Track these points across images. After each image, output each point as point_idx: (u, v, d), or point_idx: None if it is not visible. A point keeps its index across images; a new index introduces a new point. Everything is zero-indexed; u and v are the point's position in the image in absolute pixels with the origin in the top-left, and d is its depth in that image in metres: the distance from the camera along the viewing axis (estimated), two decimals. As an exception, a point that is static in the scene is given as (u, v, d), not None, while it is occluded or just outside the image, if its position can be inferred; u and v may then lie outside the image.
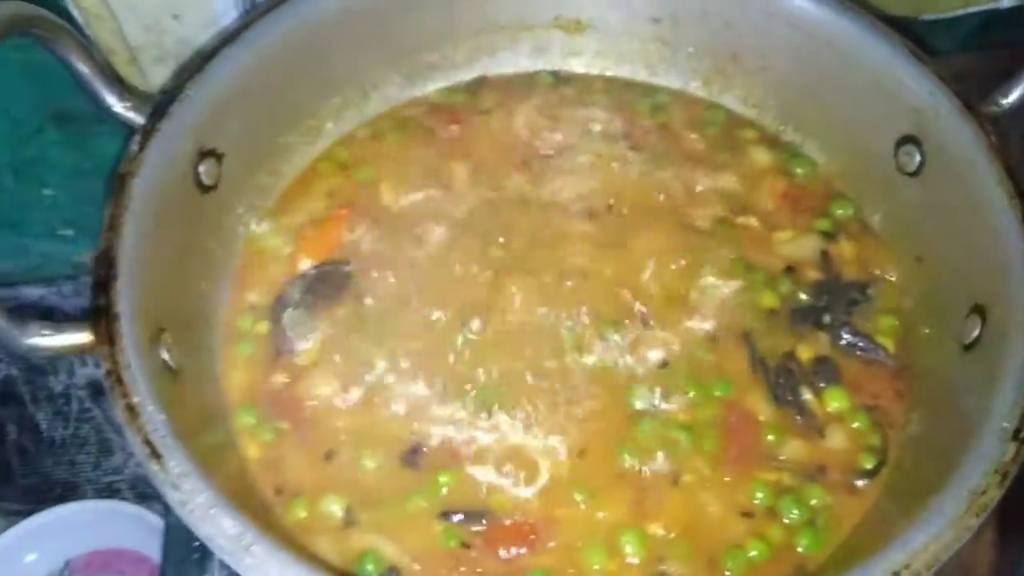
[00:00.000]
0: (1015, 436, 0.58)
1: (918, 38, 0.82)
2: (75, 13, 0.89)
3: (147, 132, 0.73)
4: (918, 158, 0.79)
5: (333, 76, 0.90)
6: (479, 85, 0.95)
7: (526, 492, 0.69)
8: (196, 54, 0.97)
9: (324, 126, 0.91)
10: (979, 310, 0.69)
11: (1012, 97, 0.76)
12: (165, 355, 0.66)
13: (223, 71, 0.79)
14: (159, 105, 0.75)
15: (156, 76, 1.00)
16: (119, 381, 0.59)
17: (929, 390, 0.73)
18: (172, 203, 0.73)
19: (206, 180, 0.78)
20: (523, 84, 0.96)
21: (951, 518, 0.55)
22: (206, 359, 0.74)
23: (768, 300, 0.79)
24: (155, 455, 0.56)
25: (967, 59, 1.11)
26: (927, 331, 0.77)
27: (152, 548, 1.00)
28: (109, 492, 1.15)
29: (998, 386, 0.61)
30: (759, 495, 0.68)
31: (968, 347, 0.69)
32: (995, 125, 0.74)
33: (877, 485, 0.69)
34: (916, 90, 0.78)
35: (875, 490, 0.69)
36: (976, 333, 0.68)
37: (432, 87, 0.95)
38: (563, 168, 0.89)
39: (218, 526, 0.54)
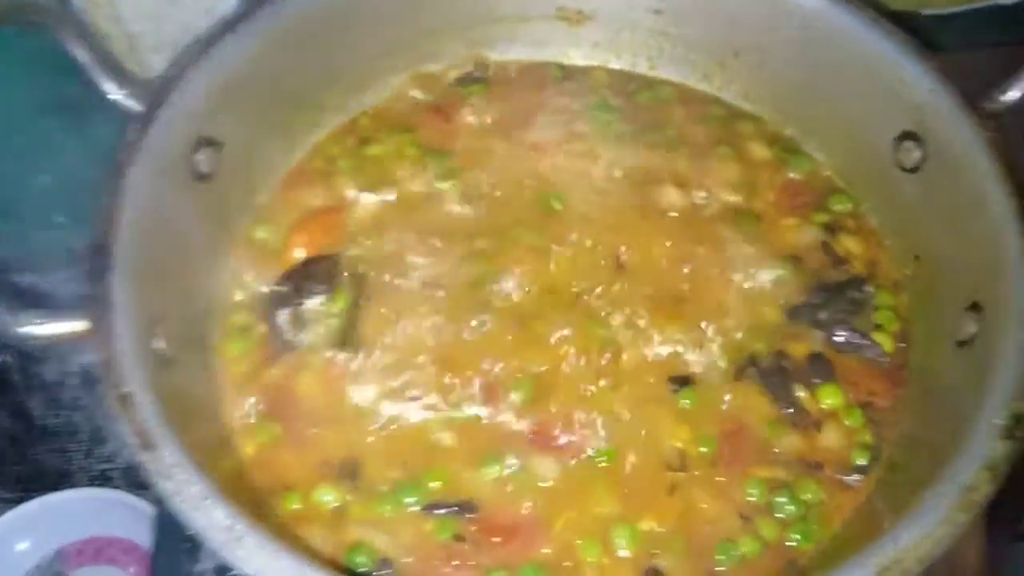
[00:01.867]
0: (1007, 434, 0.58)
1: (919, 33, 0.82)
2: (73, -1, 0.89)
3: (145, 120, 0.72)
4: (918, 154, 0.79)
5: (334, 65, 0.89)
6: (481, 76, 0.95)
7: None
8: (196, 41, 0.97)
9: (324, 116, 0.91)
10: (975, 307, 0.69)
11: (1012, 94, 0.76)
12: (160, 345, 0.66)
13: (223, 58, 0.79)
14: (158, 92, 0.74)
15: (155, 64, 1.00)
16: (112, 370, 0.59)
17: (924, 387, 0.73)
18: (169, 192, 0.73)
19: (204, 169, 0.77)
20: (525, 75, 0.95)
21: (942, 514, 0.55)
22: (202, 351, 0.74)
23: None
24: (147, 445, 0.56)
25: (969, 55, 1.11)
26: (924, 328, 0.77)
27: (144, 536, 1.00)
28: (102, 480, 1.14)
29: (991, 383, 0.61)
30: (752, 491, 0.68)
31: (963, 344, 0.69)
32: (995, 122, 0.74)
33: (870, 481, 0.69)
34: (917, 86, 0.78)
35: (868, 486, 0.69)
36: (972, 331, 0.68)
37: (432, 78, 0.94)
38: (565, 160, 0.89)
39: (210, 517, 0.54)
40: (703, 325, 0.76)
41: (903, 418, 0.72)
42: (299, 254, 0.81)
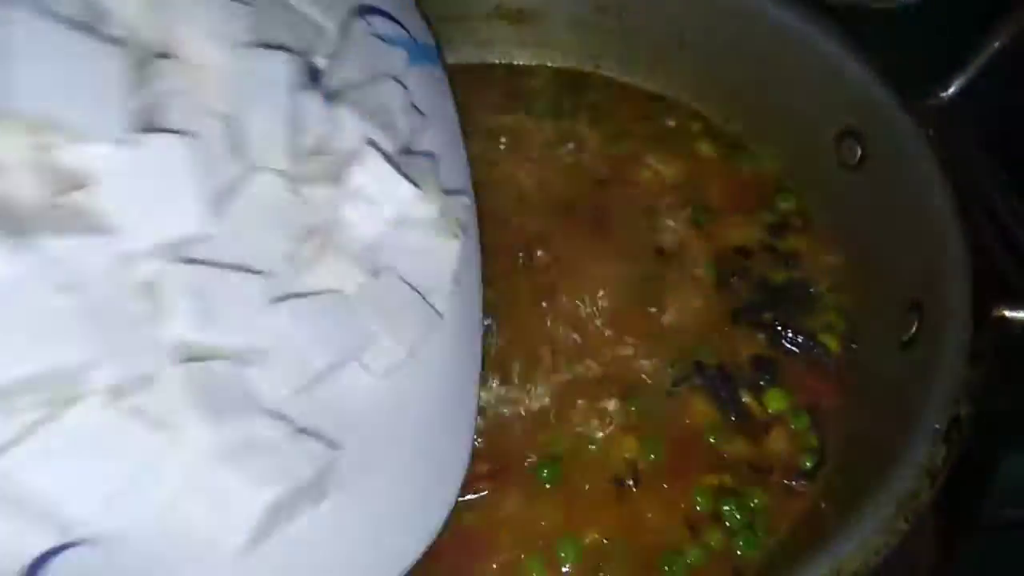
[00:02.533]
0: (946, 437, 0.57)
1: (867, 27, 0.81)
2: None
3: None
4: (859, 151, 0.78)
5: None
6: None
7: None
8: None
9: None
10: (917, 307, 0.69)
11: (952, 90, 0.75)
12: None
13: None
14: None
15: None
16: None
17: (868, 389, 0.72)
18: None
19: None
20: (468, 78, 0.94)
21: (880, 523, 0.54)
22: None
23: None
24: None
25: (914, 48, 1.11)
26: (869, 329, 0.76)
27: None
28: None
29: (931, 386, 0.60)
30: (699, 500, 0.67)
31: (905, 345, 0.68)
32: (934, 119, 0.73)
33: (816, 485, 0.68)
34: (856, 83, 0.77)
35: (814, 490, 0.68)
36: (913, 331, 0.68)
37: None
38: (517, 161, 0.88)
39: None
40: (648, 330, 0.75)
41: (849, 420, 0.71)
42: None
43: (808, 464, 0.69)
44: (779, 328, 0.76)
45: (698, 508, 0.67)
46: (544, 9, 0.94)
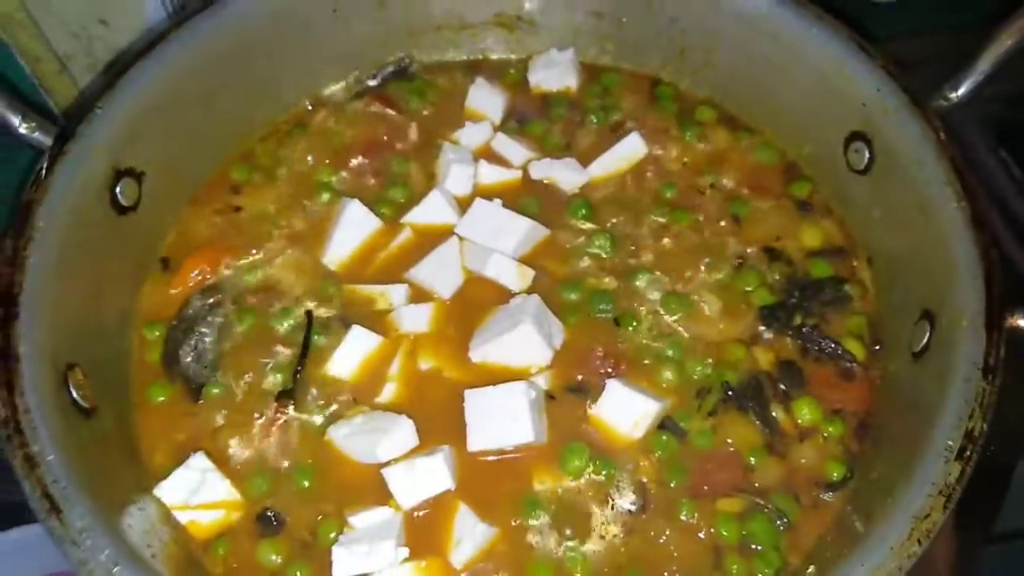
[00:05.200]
0: (959, 455, 0.55)
1: (870, 21, 0.79)
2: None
3: (53, 155, 0.69)
4: (867, 155, 0.76)
5: (261, 83, 0.86)
6: (417, 87, 0.91)
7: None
8: (108, 67, 0.93)
9: (253, 131, 0.87)
10: (928, 316, 0.67)
11: (961, 91, 0.73)
12: (76, 394, 0.62)
13: (139, 84, 0.75)
14: (67, 125, 0.70)
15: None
16: (17, 429, 0.55)
17: (889, 399, 0.70)
18: (85, 229, 0.69)
19: (124, 201, 0.74)
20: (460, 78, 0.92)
21: (893, 546, 0.53)
22: (125, 397, 0.70)
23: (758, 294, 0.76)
24: (54, 509, 0.53)
25: (921, 42, 1.09)
26: (887, 336, 0.74)
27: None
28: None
29: (943, 400, 0.58)
30: (724, 525, 0.65)
31: (917, 355, 0.67)
32: (943, 121, 0.71)
33: (844, 494, 0.66)
34: (863, 85, 0.75)
35: (842, 500, 0.66)
36: (925, 341, 0.66)
37: (362, 91, 0.91)
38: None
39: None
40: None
41: (875, 428, 0.69)
42: (195, 285, 0.77)
43: (837, 474, 0.67)
44: (806, 333, 0.73)
45: (722, 533, 0.65)
46: (541, 15, 0.92)
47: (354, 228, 0.79)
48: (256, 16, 0.83)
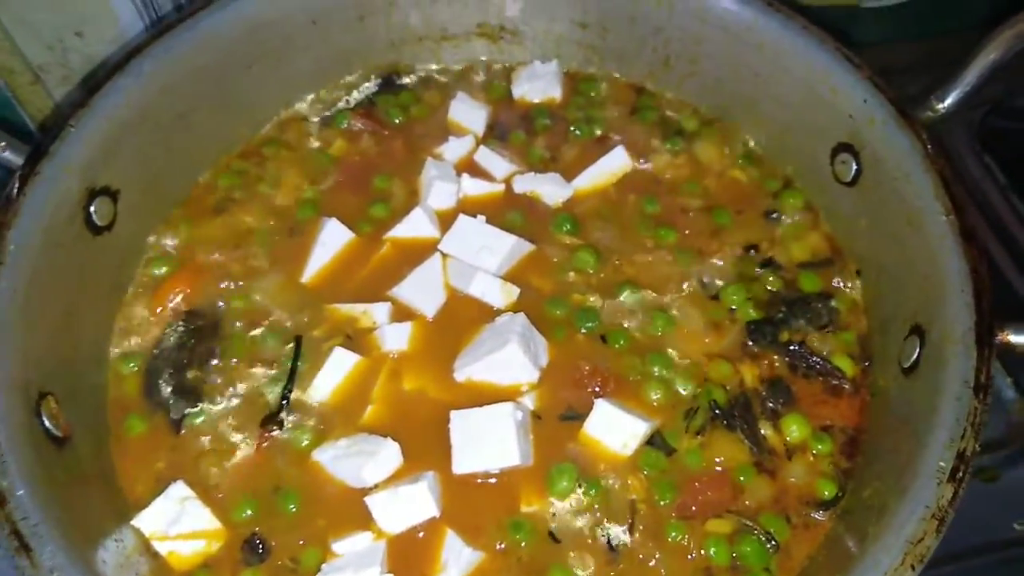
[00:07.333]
0: (952, 476, 0.54)
1: (857, 28, 0.78)
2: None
3: (24, 176, 0.67)
4: (854, 167, 0.76)
5: (240, 98, 0.84)
6: (401, 101, 0.90)
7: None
8: (85, 81, 0.91)
9: (231, 146, 0.85)
10: (918, 331, 0.66)
11: (948, 101, 0.72)
12: (49, 423, 0.61)
13: (113, 101, 0.73)
14: (38, 145, 0.69)
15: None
16: (-15, 464, 0.54)
17: (879, 415, 0.69)
18: (58, 251, 0.68)
19: (99, 221, 0.72)
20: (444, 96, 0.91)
21: (886, 572, 0.52)
22: (100, 426, 0.68)
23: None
24: (23, 547, 0.51)
25: (909, 48, 1.08)
26: (876, 350, 0.73)
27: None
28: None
29: (934, 418, 0.57)
30: (713, 545, 0.64)
31: (907, 371, 0.66)
32: (931, 132, 0.71)
33: (835, 513, 0.65)
34: (850, 96, 0.74)
35: (832, 518, 0.65)
36: (914, 357, 0.65)
37: (343, 106, 0.89)
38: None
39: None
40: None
41: (866, 443, 0.68)
42: (175, 309, 0.75)
43: (828, 492, 0.66)
44: (794, 349, 0.73)
45: (711, 553, 0.63)
46: (524, 26, 0.91)
47: (333, 246, 0.78)
48: (233, 29, 0.81)
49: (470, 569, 0.63)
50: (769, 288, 0.77)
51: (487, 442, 0.65)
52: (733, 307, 0.75)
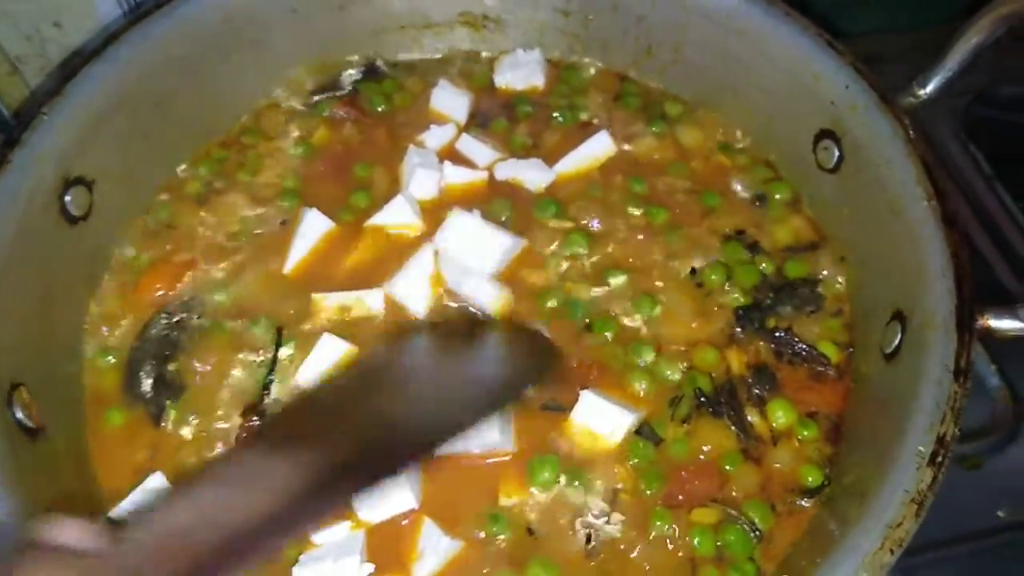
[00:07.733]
0: (931, 460, 0.54)
1: (834, 25, 0.78)
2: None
3: (-4, 164, 0.66)
4: (836, 154, 0.75)
5: (219, 86, 0.84)
6: (384, 88, 0.89)
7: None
8: (56, 71, 0.90)
9: (209, 136, 0.85)
10: (899, 317, 0.65)
11: (930, 87, 0.72)
12: (21, 415, 0.60)
13: (89, 88, 0.72)
14: (10, 133, 0.68)
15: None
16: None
17: (862, 401, 0.69)
18: (33, 241, 0.67)
19: (74, 211, 0.71)
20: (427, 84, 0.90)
21: (864, 557, 0.51)
22: (76, 417, 0.67)
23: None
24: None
25: (893, 38, 1.08)
26: (861, 337, 0.72)
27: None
28: None
29: (914, 403, 0.57)
30: (698, 535, 0.63)
31: (889, 356, 0.65)
32: (913, 118, 0.70)
33: (820, 499, 0.65)
34: (832, 82, 0.74)
35: (817, 504, 0.65)
36: (896, 342, 0.65)
37: (326, 95, 0.88)
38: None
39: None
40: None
41: (849, 429, 0.68)
42: (158, 301, 0.74)
43: (813, 478, 0.66)
44: (780, 335, 0.72)
45: (695, 542, 0.63)
46: (507, 13, 0.90)
47: (314, 236, 0.77)
48: (212, 16, 0.81)
49: (448, 558, 0.62)
50: (762, 271, 0.76)
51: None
52: (721, 290, 0.75)
